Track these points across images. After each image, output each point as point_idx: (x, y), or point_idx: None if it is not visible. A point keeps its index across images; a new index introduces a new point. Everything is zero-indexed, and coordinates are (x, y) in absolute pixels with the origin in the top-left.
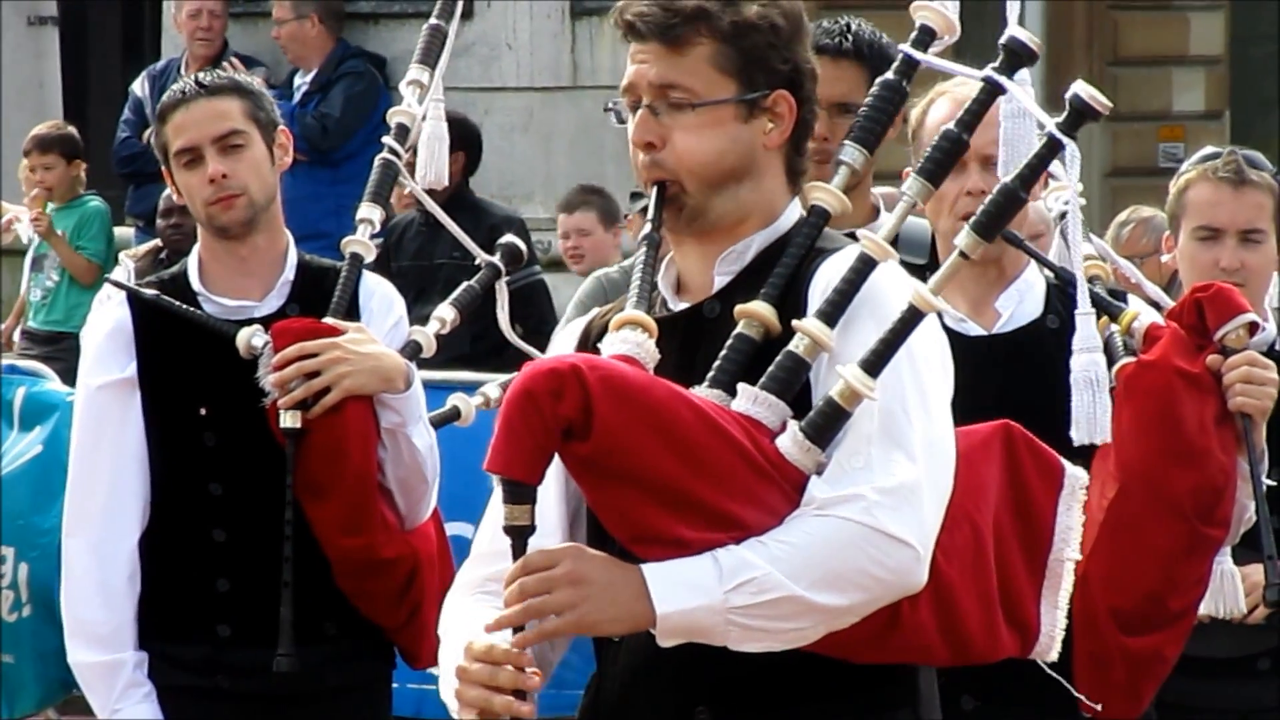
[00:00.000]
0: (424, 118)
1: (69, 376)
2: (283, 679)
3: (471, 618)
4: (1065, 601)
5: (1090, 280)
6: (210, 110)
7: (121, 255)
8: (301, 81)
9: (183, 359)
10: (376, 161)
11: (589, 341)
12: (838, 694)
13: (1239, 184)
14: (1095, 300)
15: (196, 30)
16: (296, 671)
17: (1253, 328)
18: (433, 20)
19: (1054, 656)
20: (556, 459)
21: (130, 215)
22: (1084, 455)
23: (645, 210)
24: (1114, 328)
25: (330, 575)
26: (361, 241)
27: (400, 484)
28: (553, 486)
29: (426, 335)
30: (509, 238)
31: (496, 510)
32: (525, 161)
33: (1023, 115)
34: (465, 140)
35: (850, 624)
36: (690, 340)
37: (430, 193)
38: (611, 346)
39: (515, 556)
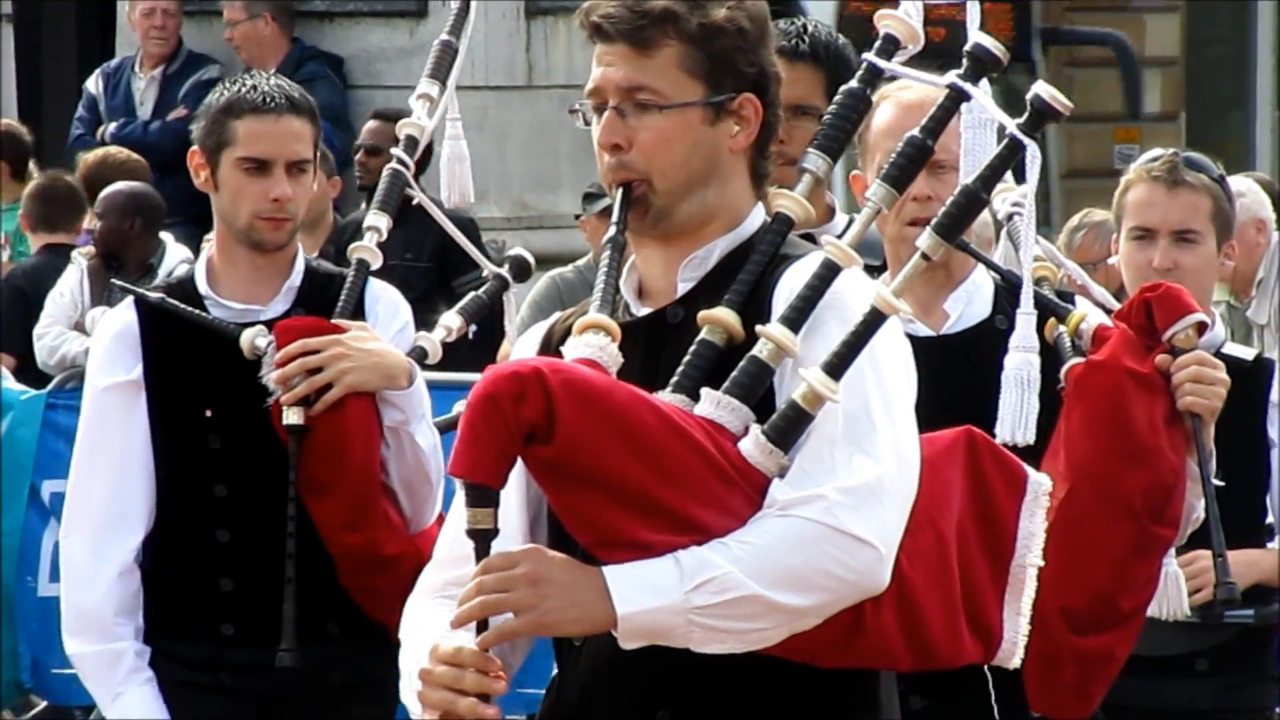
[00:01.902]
0: (429, 132)
1: (20, 374)
2: (285, 676)
3: (433, 621)
4: (1028, 608)
5: (1037, 282)
6: (293, 130)
7: (74, 254)
8: None
9: (188, 362)
10: (385, 171)
11: (551, 345)
12: (799, 700)
13: (1173, 184)
14: (1043, 301)
15: (150, 29)
16: (298, 667)
17: (1201, 327)
18: (444, 36)
19: (1017, 663)
20: (519, 463)
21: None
22: (1034, 455)
23: (602, 213)
24: (1062, 329)
25: (334, 575)
26: (368, 248)
27: (404, 484)
28: (514, 490)
29: (432, 341)
30: (517, 250)
31: (458, 515)
32: (479, 161)
33: (983, 125)
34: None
35: (812, 625)
36: (653, 346)
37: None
38: (574, 350)
39: (478, 560)
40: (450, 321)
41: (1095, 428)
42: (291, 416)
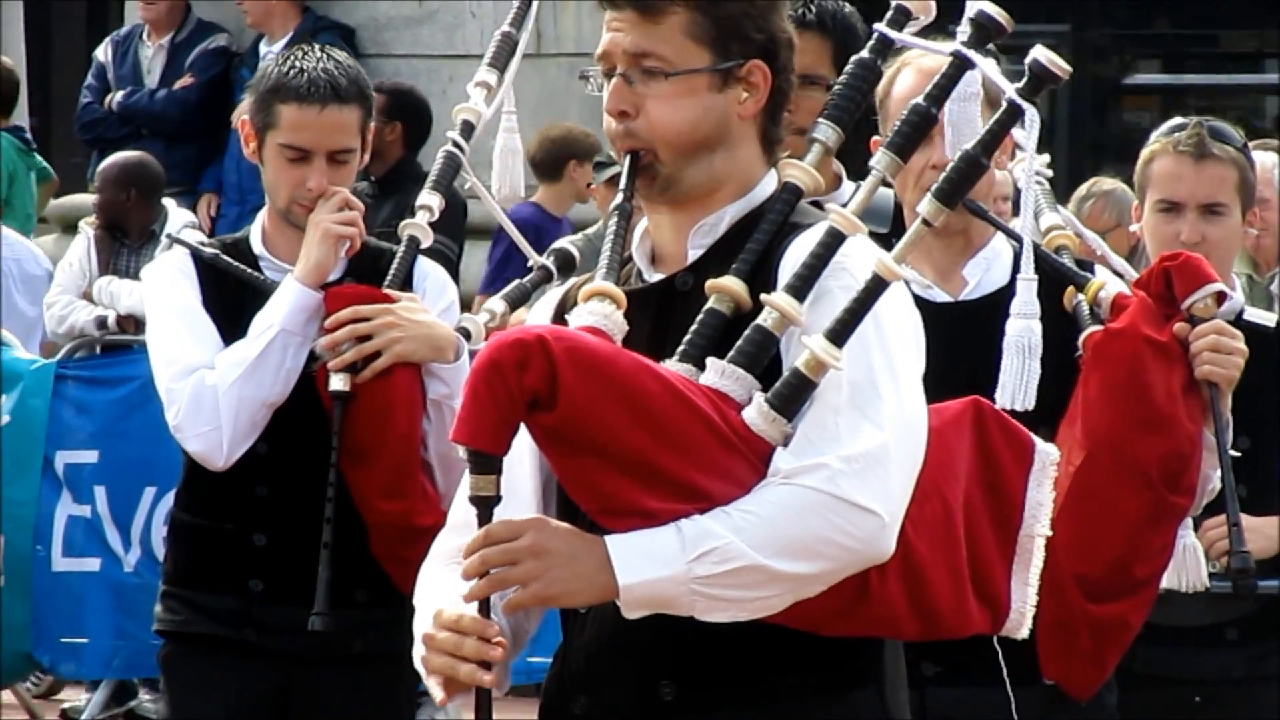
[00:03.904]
0: (489, 117)
1: None
2: (309, 639)
3: (443, 587)
4: (1036, 578)
5: (1057, 251)
6: (337, 122)
7: (82, 224)
8: (268, 50)
9: (237, 317)
10: (440, 153)
11: (565, 311)
12: (802, 670)
13: (1200, 157)
14: (1061, 270)
15: None
16: (330, 631)
17: (1220, 297)
18: (505, 27)
19: (1024, 634)
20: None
21: (93, 183)
22: (1049, 423)
23: (611, 181)
24: (1080, 297)
25: (366, 543)
26: (420, 225)
27: (442, 459)
28: (526, 457)
29: (476, 324)
30: (563, 243)
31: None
32: (488, 129)
33: (969, 99)
34: (405, 111)
35: (817, 593)
36: (663, 313)
37: (370, 166)
38: (579, 318)
39: (480, 527)
40: (494, 306)
41: (1113, 395)
42: (337, 383)
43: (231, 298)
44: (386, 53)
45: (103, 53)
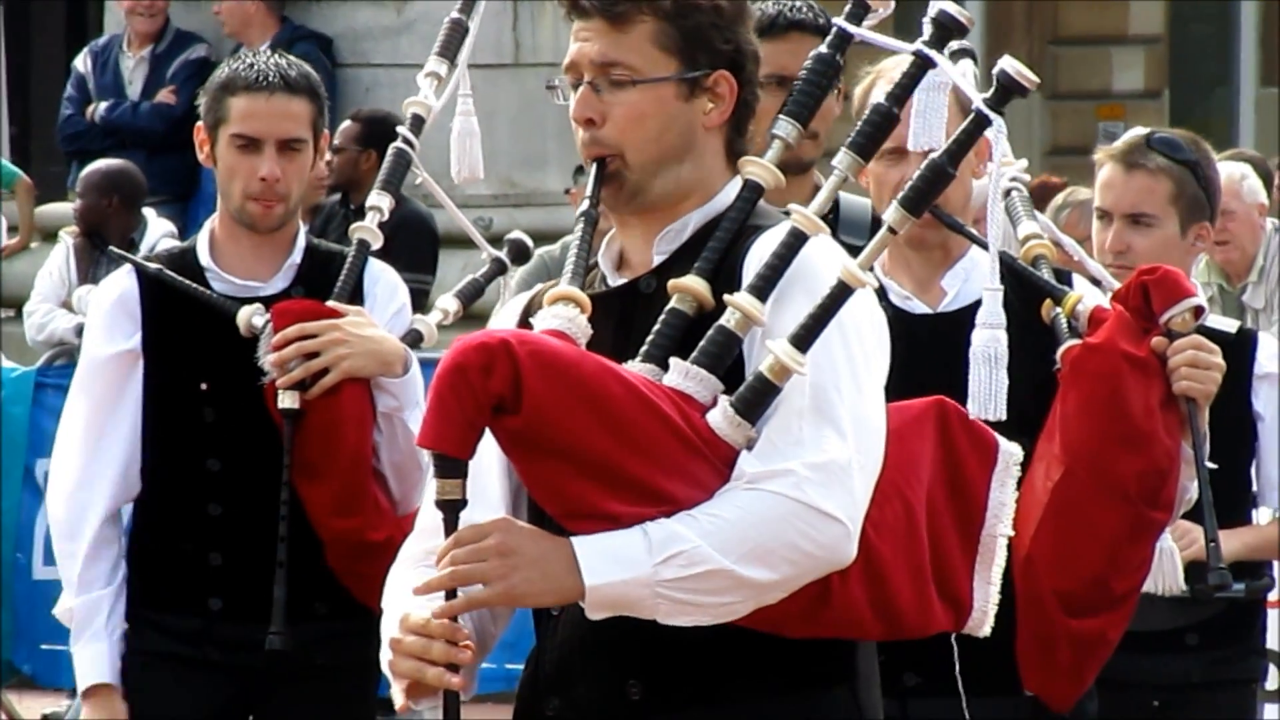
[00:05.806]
0: (437, 110)
1: None
2: (271, 655)
3: (410, 590)
4: (998, 577)
5: (1035, 260)
6: (286, 108)
7: (61, 233)
8: None
9: (186, 333)
10: (390, 150)
11: (528, 317)
12: (773, 670)
13: (1130, 167)
14: (1038, 283)
15: (137, 7)
16: (288, 650)
17: (1198, 311)
18: (454, 15)
19: (986, 631)
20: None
21: (73, 191)
22: (1029, 433)
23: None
24: (1058, 310)
25: (323, 556)
26: (369, 228)
27: (395, 469)
28: (494, 462)
29: (428, 325)
30: (516, 234)
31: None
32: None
33: (938, 89)
34: (380, 137)
35: (778, 599)
36: (626, 316)
37: (346, 193)
38: (544, 321)
39: (447, 531)
40: (447, 304)
41: (1091, 411)
42: (286, 400)
43: (178, 312)
44: (364, 62)
45: (82, 63)
